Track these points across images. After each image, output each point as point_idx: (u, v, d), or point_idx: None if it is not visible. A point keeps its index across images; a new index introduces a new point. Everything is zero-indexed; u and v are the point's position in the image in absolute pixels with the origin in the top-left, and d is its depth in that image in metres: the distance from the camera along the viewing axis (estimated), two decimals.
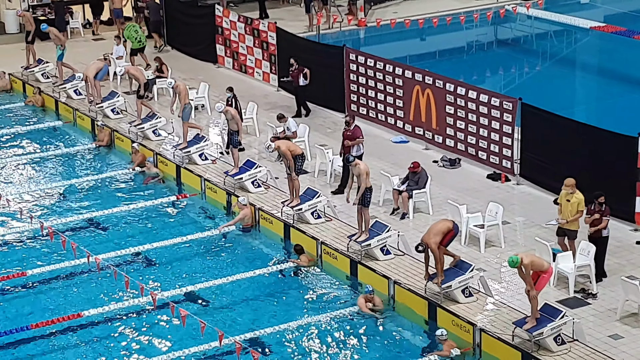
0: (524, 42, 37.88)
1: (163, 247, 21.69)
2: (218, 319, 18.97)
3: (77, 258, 20.48)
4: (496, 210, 20.99)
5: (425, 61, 33.04)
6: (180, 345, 18.14)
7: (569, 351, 17.06)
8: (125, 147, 26.95)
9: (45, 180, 25.50)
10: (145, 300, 19.16)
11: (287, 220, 21.98)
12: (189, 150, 25.16)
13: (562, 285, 19.12)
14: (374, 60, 27.08)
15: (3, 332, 18.36)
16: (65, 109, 29.72)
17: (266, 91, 30.54)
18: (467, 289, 18.66)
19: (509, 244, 20.83)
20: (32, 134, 28.52)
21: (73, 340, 18.50)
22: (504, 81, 32.82)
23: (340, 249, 20.68)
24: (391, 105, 26.77)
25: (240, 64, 31.98)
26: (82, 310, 19.15)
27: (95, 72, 28.61)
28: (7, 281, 20.31)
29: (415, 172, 22.40)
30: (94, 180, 25.38)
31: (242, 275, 20.44)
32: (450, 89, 24.97)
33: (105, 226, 22.98)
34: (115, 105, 28.48)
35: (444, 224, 18.80)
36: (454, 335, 17.93)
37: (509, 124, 23.67)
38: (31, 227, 22.36)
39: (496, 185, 23.74)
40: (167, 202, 24.03)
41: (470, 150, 24.71)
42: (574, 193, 19.34)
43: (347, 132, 23.28)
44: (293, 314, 19.21)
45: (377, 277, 19.65)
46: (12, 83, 32.16)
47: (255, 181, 23.64)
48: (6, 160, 26.73)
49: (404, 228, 21.40)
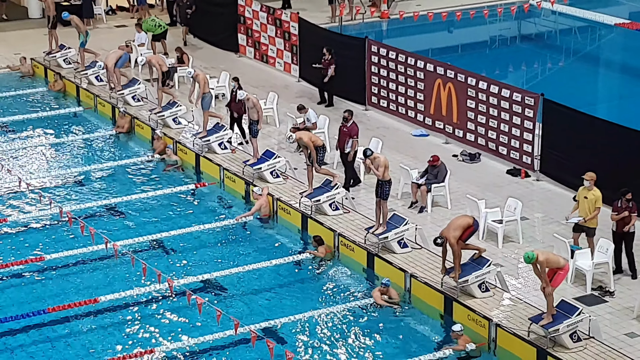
0: (548, 38, 37.71)
1: (181, 235, 21.73)
2: (234, 307, 19.01)
3: (95, 244, 20.55)
4: (515, 206, 20.92)
5: (448, 55, 32.95)
6: (195, 333, 18.18)
7: (585, 348, 17.00)
8: (145, 134, 27.00)
9: (64, 166, 25.59)
10: (162, 287, 19.20)
11: (305, 211, 21.98)
12: (209, 139, 25.18)
13: (579, 282, 19.05)
14: (396, 53, 27.02)
15: (21, 315, 18.45)
16: (86, 95, 29.80)
17: (287, 81, 30.53)
18: (484, 283, 18.62)
19: (527, 239, 20.77)
20: (52, 120, 28.61)
21: (89, 325, 18.57)
22: (527, 76, 32.69)
23: (357, 241, 20.66)
24: (412, 99, 26.71)
25: (261, 53, 31.98)
26: (99, 295, 19.22)
27: (115, 60, 28.68)
28: (25, 265, 20.39)
29: (435, 166, 22.34)
30: (114, 167, 25.44)
31: (259, 264, 20.46)
32: (471, 83, 24.89)
33: (124, 213, 23.05)
34: (136, 93, 28.54)
35: (464, 220, 18.76)
36: (469, 329, 17.89)
37: (530, 119, 23.57)
38: (50, 212, 22.44)
39: (516, 181, 23.66)
40: (185, 191, 24.07)
41: (491, 145, 24.62)
42: (592, 190, 19.25)
43: (344, 128, 23.19)
44: (309, 304, 19.21)
45: (393, 270, 19.62)
46: (34, 68, 32.27)
47: (274, 171, 23.64)
48: (26, 145, 26.84)
49: (421, 221, 21.36)
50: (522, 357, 17.20)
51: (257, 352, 17.36)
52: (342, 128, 23.26)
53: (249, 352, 17.52)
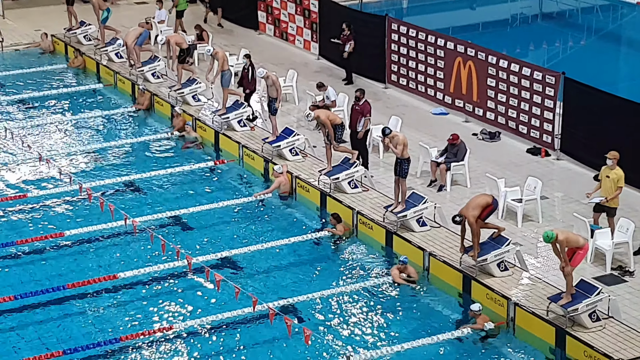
0: (569, 16, 37.48)
1: (199, 212, 21.76)
2: (252, 284, 19.03)
3: (114, 220, 20.60)
4: (535, 185, 20.83)
5: (468, 33, 32.75)
6: (213, 310, 18.22)
7: (604, 328, 16.94)
8: (164, 111, 27.02)
9: (84, 142, 25.64)
10: (180, 263, 19.23)
11: (323, 189, 21.96)
12: (228, 117, 25.16)
13: (599, 262, 18.97)
14: (416, 31, 26.90)
15: (40, 291, 18.53)
16: (106, 71, 29.83)
17: (307, 59, 30.45)
18: (503, 262, 18.57)
19: (546, 219, 20.69)
20: (72, 96, 28.66)
21: (108, 301, 18.64)
22: (548, 55, 32.51)
23: (376, 219, 20.63)
24: (432, 77, 26.60)
25: (281, 31, 31.90)
26: (118, 272, 19.28)
27: (135, 38, 28.68)
28: (45, 241, 20.47)
29: (454, 144, 22.26)
30: (133, 143, 25.49)
31: (278, 242, 20.47)
32: (492, 62, 24.76)
33: (143, 189, 23.09)
34: (155, 70, 28.53)
35: (484, 198, 18.70)
36: (487, 309, 17.86)
37: (551, 98, 23.44)
38: (70, 188, 22.50)
39: (536, 160, 23.56)
40: (204, 168, 24.09)
41: (511, 124, 24.51)
42: (614, 169, 19.14)
43: (356, 107, 23.08)
44: (327, 282, 19.22)
45: (412, 249, 19.60)
46: (54, 45, 32.30)
47: (293, 149, 23.62)
48: (47, 122, 26.90)
49: (440, 200, 21.31)
50: (540, 337, 17.17)
51: (275, 330, 17.38)
52: (355, 107, 23.16)
53: (267, 330, 17.56)
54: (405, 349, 17.12)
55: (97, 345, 17.07)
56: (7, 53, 32.07)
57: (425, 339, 17.31)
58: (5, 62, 31.40)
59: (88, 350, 16.95)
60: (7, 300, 18.20)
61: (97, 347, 17.06)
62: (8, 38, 32.56)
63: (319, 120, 21.96)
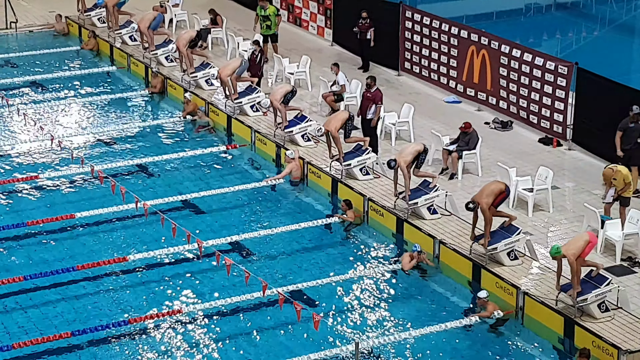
0: (583, 7, 37.36)
1: (211, 196, 21.81)
2: (262, 269, 19.08)
3: (125, 203, 20.64)
4: (546, 175, 20.82)
5: (482, 22, 32.72)
6: (223, 294, 18.29)
7: (613, 319, 16.95)
8: (177, 95, 27.04)
9: (97, 125, 25.69)
10: (191, 247, 19.28)
11: (335, 175, 21.98)
12: (240, 101, 25.18)
13: (609, 252, 18.97)
14: (430, 19, 26.86)
15: (50, 272, 18.61)
16: (119, 54, 29.85)
17: (320, 45, 30.43)
18: (513, 251, 18.58)
19: (557, 209, 20.68)
20: (86, 78, 28.70)
21: (118, 283, 18.72)
22: (561, 45, 32.44)
23: (387, 206, 20.65)
24: (445, 65, 26.57)
25: (295, 17, 31.87)
26: (128, 254, 19.34)
27: (149, 23, 28.66)
28: (56, 222, 20.54)
29: (466, 133, 22.25)
30: (146, 127, 25.53)
31: (288, 227, 20.50)
32: (505, 51, 24.71)
33: (155, 172, 23.14)
34: (169, 53, 28.54)
35: (497, 186, 18.72)
36: (497, 297, 17.88)
37: (564, 88, 23.40)
38: (82, 170, 22.56)
39: (547, 150, 23.53)
40: (216, 152, 24.12)
41: (523, 113, 24.48)
42: (617, 178, 19.12)
43: (367, 94, 23.07)
44: (337, 268, 19.26)
45: (422, 236, 19.61)
46: (68, 26, 32.33)
47: (305, 135, 23.63)
48: (59, 104, 26.96)
49: (452, 188, 21.31)
50: (549, 326, 17.18)
51: (285, 315, 17.44)
52: (366, 94, 23.16)
53: (277, 315, 17.61)
54: (414, 336, 17.17)
55: (105, 327, 17.15)
56: (21, 34, 32.12)
57: (434, 327, 17.35)
58: (20, 43, 31.46)
59: (97, 332, 17.02)
60: (17, 280, 18.28)
61: (106, 329, 17.13)
62: (22, 19, 32.59)
63: (330, 134, 21.88)
